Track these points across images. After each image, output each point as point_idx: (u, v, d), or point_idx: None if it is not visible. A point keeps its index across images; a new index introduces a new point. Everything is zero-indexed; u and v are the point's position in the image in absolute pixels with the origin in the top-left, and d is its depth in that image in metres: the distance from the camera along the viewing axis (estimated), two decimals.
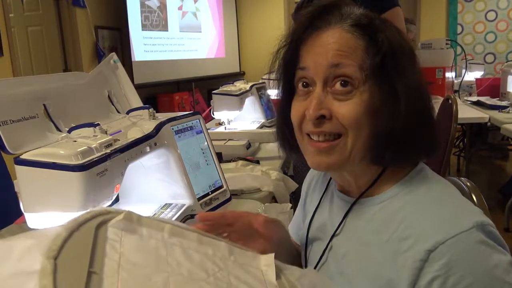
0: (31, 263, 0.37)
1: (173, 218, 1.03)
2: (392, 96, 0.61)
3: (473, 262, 0.53)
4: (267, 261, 0.62)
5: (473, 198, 0.84)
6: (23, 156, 0.80)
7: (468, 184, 0.88)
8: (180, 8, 4.83)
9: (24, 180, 0.80)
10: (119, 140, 0.92)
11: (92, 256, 0.43)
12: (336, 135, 0.62)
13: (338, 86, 0.61)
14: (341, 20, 0.63)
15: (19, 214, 1.10)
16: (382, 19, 0.65)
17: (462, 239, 0.54)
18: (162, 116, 1.14)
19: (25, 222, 0.84)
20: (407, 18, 3.69)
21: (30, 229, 0.80)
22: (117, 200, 1.15)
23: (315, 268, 0.72)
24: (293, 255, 0.83)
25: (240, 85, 2.23)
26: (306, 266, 0.79)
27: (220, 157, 1.63)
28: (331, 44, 0.62)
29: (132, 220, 0.53)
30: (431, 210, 0.59)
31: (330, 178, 0.78)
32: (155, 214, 1.07)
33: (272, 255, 0.63)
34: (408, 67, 0.62)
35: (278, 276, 0.59)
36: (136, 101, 1.30)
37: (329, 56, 0.61)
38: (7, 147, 0.83)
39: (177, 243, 0.55)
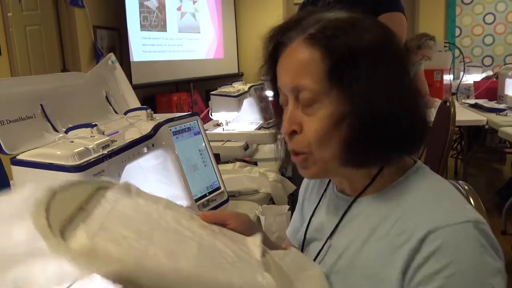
0: (38, 193, 0.43)
1: None
2: (354, 100, 0.59)
3: (462, 254, 0.54)
4: (255, 242, 0.63)
5: (470, 201, 0.85)
6: (20, 157, 0.80)
7: (466, 187, 0.88)
8: (179, 8, 4.83)
9: (21, 181, 0.80)
10: (116, 141, 0.92)
11: (87, 200, 0.50)
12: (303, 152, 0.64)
13: (301, 98, 0.62)
14: (302, 33, 0.62)
15: None
16: (349, 21, 0.62)
17: (454, 229, 0.55)
18: (160, 117, 1.14)
19: None
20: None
21: None
22: None
23: None
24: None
25: (238, 86, 2.23)
26: None
27: (217, 159, 1.62)
28: (290, 64, 0.63)
29: (131, 191, 0.58)
30: (426, 205, 0.60)
31: (329, 181, 0.78)
32: None
33: (259, 235, 0.65)
34: (372, 68, 0.59)
35: (263, 255, 0.60)
36: (134, 102, 1.30)
37: (290, 77, 0.63)
38: (3, 147, 0.82)
39: (170, 213, 0.58)
